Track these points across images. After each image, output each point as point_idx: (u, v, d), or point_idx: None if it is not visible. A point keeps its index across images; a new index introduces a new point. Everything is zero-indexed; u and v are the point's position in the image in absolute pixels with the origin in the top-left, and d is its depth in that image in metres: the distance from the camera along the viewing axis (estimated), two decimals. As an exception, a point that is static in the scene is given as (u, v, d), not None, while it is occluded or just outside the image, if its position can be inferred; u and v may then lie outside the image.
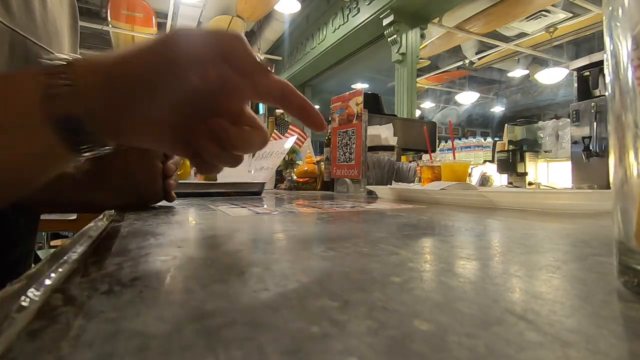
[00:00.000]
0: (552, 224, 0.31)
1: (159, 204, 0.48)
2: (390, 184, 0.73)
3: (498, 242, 0.23)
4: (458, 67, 5.20)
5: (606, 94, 0.13)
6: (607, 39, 0.13)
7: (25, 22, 0.39)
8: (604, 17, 0.13)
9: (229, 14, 4.31)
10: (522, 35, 4.25)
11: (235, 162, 0.27)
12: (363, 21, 3.46)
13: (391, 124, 0.99)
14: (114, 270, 0.15)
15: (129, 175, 0.41)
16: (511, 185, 2.73)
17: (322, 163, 1.11)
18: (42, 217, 1.06)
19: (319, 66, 4.61)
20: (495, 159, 3.33)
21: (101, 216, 0.34)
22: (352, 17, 3.62)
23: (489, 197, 0.46)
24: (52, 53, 0.44)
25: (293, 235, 0.25)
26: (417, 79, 3.93)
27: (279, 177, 1.29)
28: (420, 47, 3.37)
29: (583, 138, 2.44)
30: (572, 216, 0.36)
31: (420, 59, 3.72)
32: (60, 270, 0.15)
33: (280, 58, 5.20)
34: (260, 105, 6.37)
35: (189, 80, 0.22)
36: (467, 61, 4.96)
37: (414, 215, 0.37)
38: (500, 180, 3.10)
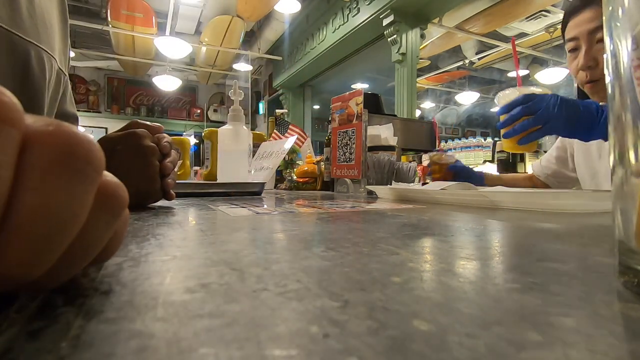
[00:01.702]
0: (552, 224, 0.31)
1: (158, 203, 0.48)
2: (391, 184, 0.72)
3: (498, 242, 0.23)
4: (458, 67, 5.20)
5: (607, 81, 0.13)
6: (607, 39, 0.13)
7: (10, 16, 0.39)
8: (604, 17, 0.13)
9: (229, 14, 4.31)
10: (522, 35, 4.25)
11: None
12: (363, 21, 3.46)
13: (391, 124, 0.99)
14: (114, 271, 0.15)
15: (125, 174, 0.41)
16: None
17: (322, 163, 1.11)
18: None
19: (319, 66, 4.61)
20: (495, 159, 3.32)
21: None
22: (352, 17, 3.62)
23: (489, 197, 0.46)
24: (42, 48, 0.44)
25: (293, 235, 0.25)
26: (417, 79, 3.92)
27: (279, 177, 1.29)
28: (420, 47, 3.37)
29: (583, 138, 2.44)
30: (572, 216, 0.36)
31: (420, 59, 3.71)
32: (60, 270, 0.15)
33: (280, 58, 5.20)
34: (260, 105, 6.38)
35: None
36: (467, 61, 4.96)
37: (414, 215, 0.37)
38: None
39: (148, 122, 0.45)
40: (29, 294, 0.12)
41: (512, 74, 5.45)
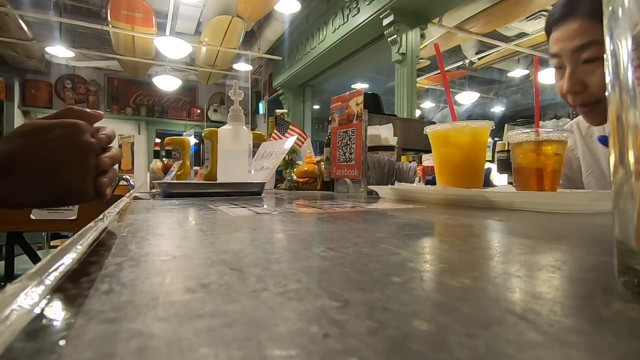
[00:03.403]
0: (552, 224, 0.31)
1: (159, 203, 0.48)
2: (393, 184, 0.72)
3: (498, 242, 0.23)
4: (458, 67, 5.20)
5: (606, 94, 0.13)
6: (607, 39, 0.13)
7: None
8: (604, 17, 0.13)
9: (229, 14, 4.31)
10: (522, 35, 4.24)
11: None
12: (363, 21, 3.46)
13: (391, 124, 0.99)
14: (114, 271, 0.15)
15: (56, 168, 0.35)
16: (511, 185, 2.71)
17: (322, 163, 1.11)
18: (42, 217, 1.05)
19: (319, 66, 4.61)
20: (495, 159, 3.32)
21: (101, 216, 0.34)
22: (352, 17, 3.62)
23: (489, 197, 0.46)
24: None
25: (293, 235, 0.25)
26: (417, 79, 3.92)
27: (279, 177, 1.28)
28: (420, 47, 3.37)
29: (583, 138, 2.43)
30: (572, 216, 0.36)
31: (420, 59, 3.71)
32: (60, 270, 0.15)
33: (280, 58, 5.20)
34: (260, 105, 6.37)
35: None
36: (467, 61, 4.95)
37: (414, 216, 0.37)
38: (500, 180, 3.10)
39: (87, 110, 0.41)
40: (29, 294, 0.12)
41: (512, 74, 5.45)
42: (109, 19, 4.13)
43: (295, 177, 1.15)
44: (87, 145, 0.37)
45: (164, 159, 1.31)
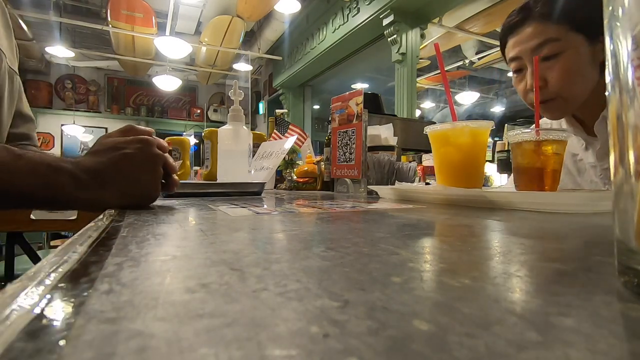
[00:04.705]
0: (552, 224, 0.31)
1: (158, 203, 0.48)
2: (393, 184, 0.72)
3: (498, 242, 0.23)
4: (458, 67, 5.20)
5: (606, 93, 0.13)
6: (607, 39, 0.13)
7: None
8: (604, 17, 0.13)
9: (229, 14, 4.31)
10: (522, 35, 4.24)
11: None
12: (363, 21, 3.46)
13: (391, 124, 0.99)
14: (114, 270, 0.15)
15: (133, 178, 0.42)
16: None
17: (322, 163, 1.11)
18: (42, 217, 1.06)
19: (319, 66, 4.61)
20: (495, 159, 3.32)
21: (101, 216, 0.34)
22: (352, 17, 3.62)
23: (488, 197, 0.46)
24: None
25: (293, 235, 0.25)
26: (417, 79, 3.92)
27: (279, 177, 1.28)
28: (420, 47, 3.37)
29: (583, 138, 2.43)
30: (572, 216, 0.36)
31: (420, 59, 3.71)
32: (60, 270, 0.15)
33: (280, 58, 5.20)
34: (260, 105, 6.37)
35: None
36: (467, 61, 4.96)
37: (414, 216, 0.37)
38: (500, 180, 3.10)
39: (143, 127, 0.48)
40: (29, 294, 0.12)
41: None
42: (109, 19, 4.13)
43: (295, 177, 1.15)
44: (157, 157, 0.44)
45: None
